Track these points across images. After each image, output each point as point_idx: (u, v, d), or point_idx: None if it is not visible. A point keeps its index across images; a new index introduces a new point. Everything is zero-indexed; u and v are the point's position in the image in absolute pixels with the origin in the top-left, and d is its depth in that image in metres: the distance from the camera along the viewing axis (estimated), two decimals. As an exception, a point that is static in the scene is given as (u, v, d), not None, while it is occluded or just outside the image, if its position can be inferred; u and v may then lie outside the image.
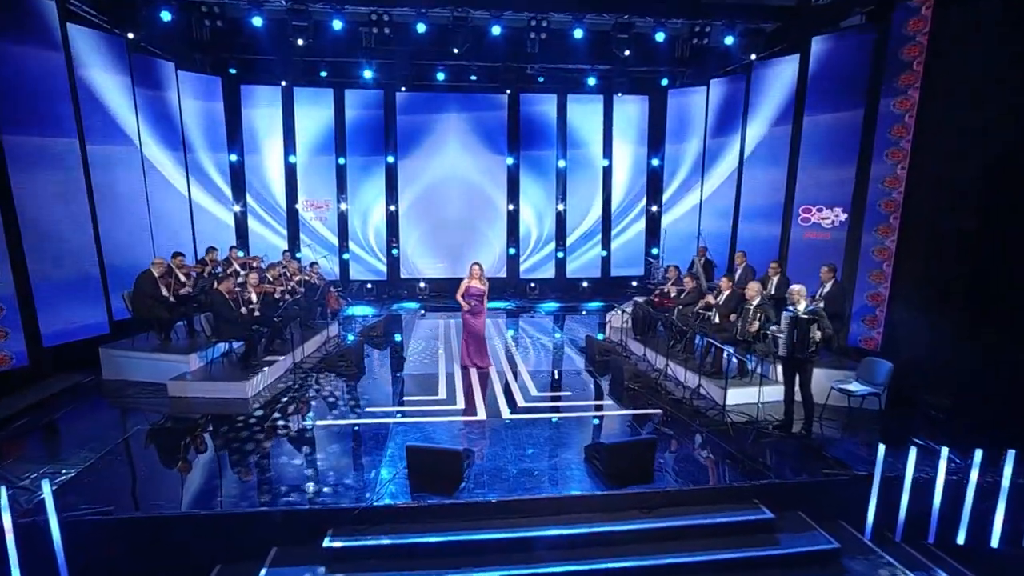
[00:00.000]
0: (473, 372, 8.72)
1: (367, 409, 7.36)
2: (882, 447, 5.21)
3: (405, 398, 7.74)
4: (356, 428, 6.81)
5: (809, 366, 6.48)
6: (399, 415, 7.16)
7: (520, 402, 7.65)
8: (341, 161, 14.37)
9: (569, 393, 8.08)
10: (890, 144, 8.08)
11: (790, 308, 6.48)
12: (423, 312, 13.41)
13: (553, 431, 6.83)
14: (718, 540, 5.12)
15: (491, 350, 9.48)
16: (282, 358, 8.71)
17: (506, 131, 14.61)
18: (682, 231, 13.80)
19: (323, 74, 13.50)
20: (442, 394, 7.91)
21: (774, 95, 10.90)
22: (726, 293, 8.49)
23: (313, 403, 7.57)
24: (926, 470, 5.56)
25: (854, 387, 6.84)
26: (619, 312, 10.80)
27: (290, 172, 14.14)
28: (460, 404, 7.56)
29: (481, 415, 7.20)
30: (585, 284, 15.38)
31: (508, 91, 14.44)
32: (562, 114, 14.74)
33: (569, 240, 15.19)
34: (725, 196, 12.51)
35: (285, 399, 7.68)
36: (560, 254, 15.27)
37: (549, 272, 15.30)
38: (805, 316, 6.35)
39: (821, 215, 9.52)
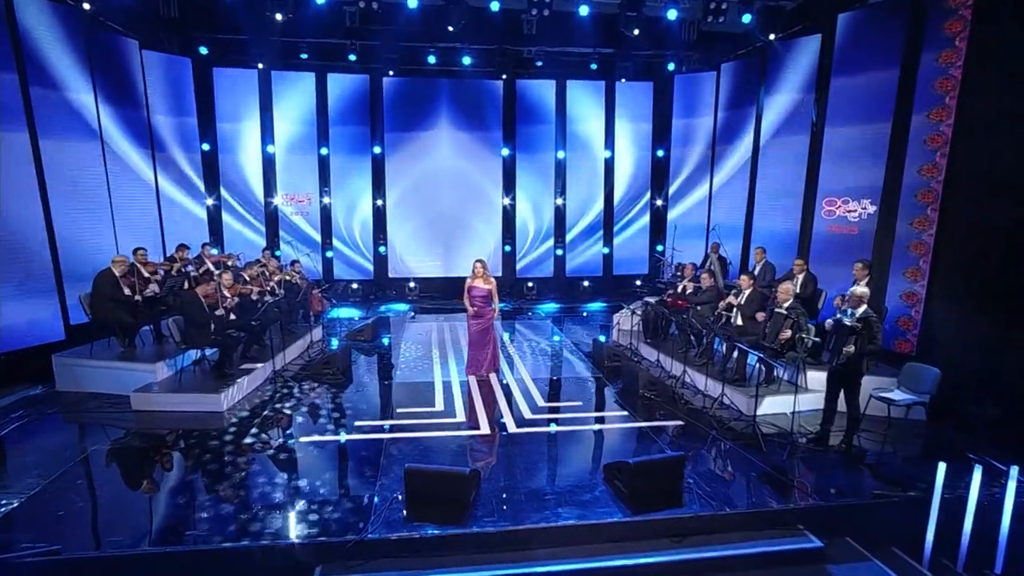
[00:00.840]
0: (473, 381, 8.26)
1: (356, 423, 6.87)
2: (942, 466, 4.81)
3: (398, 410, 7.27)
4: (345, 445, 6.31)
5: (859, 378, 6.08)
6: (392, 429, 6.67)
7: (526, 413, 7.22)
8: (324, 152, 13.83)
9: (579, 403, 7.68)
10: (929, 129, 7.72)
11: (842, 311, 6.07)
12: (413, 314, 12.95)
13: (565, 446, 6.43)
14: (761, 573, 4.69)
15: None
16: (260, 366, 8.19)
17: (501, 120, 14.18)
18: (689, 226, 13.45)
19: (304, 56, 12.94)
20: (439, 405, 7.45)
21: (793, 79, 10.53)
22: (747, 292, 8.12)
23: (296, 416, 7.06)
24: (990, 490, 5.18)
25: (897, 395, 6.46)
26: (628, 313, 10.37)
27: (268, 164, 13.57)
28: (460, 416, 7.11)
29: (484, 429, 6.75)
30: (586, 283, 15.02)
31: (504, 76, 13.99)
32: (561, 101, 14.33)
33: (569, 236, 14.81)
34: (737, 189, 12.18)
35: (265, 412, 7.17)
36: (559, 251, 14.87)
37: (547, 271, 14.90)
38: (851, 323, 5.94)
39: (847, 207, 9.16)
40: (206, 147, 12.88)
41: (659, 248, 12.17)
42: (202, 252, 10.08)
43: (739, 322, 8.11)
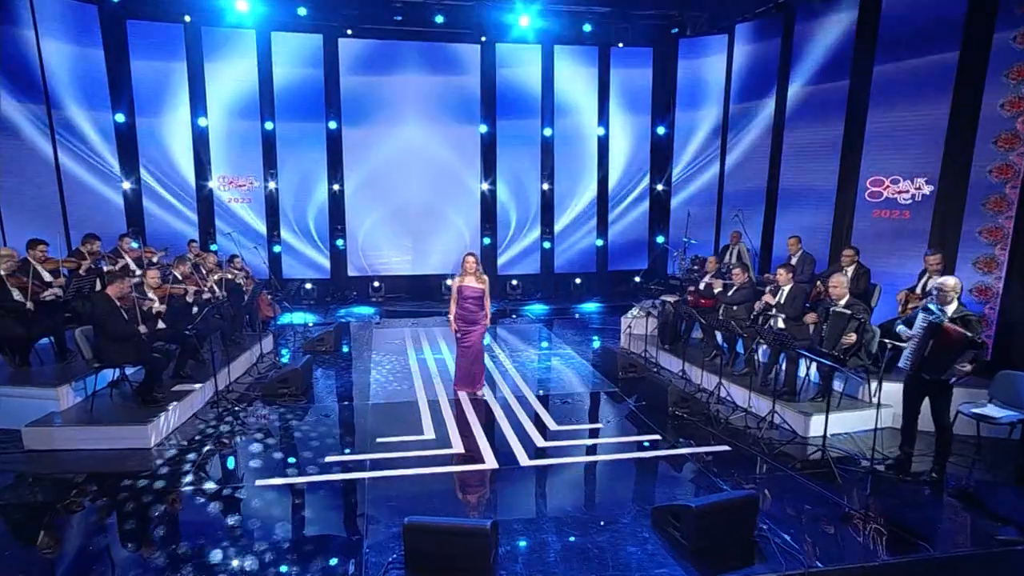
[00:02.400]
0: (466, 401, 7.38)
1: (327, 458, 5.90)
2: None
3: (378, 439, 6.34)
4: (313, 488, 5.33)
5: (950, 390, 5.44)
6: (373, 466, 5.74)
7: (538, 440, 6.40)
8: (269, 126, 12.73)
9: (600, 425, 6.93)
10: (1007, 90, 7.20)
11: (932, 308, 5.40)
12: (378, 320, 12.00)
13: (596, 481, 5.69)
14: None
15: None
16: (198, 387, 7.12)
17: (479, 91, 13.35)
18: (697, 215, 12.84)
19: (242, 10, 11.74)
20: (428, 432, 6.56)
21: (826, 37, 9.96)
22: (788, 289, 7.47)
23: (249, 452, 6.03)
24: None
25: (994, 411, 5.85)
26: (640, 314, 9.65)
27: (200, 140, 12.37)
28: (457, 446, 6.23)
29: (490, 462, 5.89)
30: (578, 281, 14.35)
31: (482, 39, 13.12)
32: (548, 70, 13.56)
33: (557, 227, 14.17)
34: (755, 169, 11.61)
35: (207, 448, 6.12)
36: (546, 244, 14.19)
37: (533, 266, 14.20)
38: (941, 321, 5.29)
39: (897, 188, 8.63)
40: (120, 118, 11.58)
41: (659, 239, 11.49)
42: (119, 245, 8.91)
43: (779, 324, 7.46)
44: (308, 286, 13.14)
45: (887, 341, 5.78)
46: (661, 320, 9.22)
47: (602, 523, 4.85)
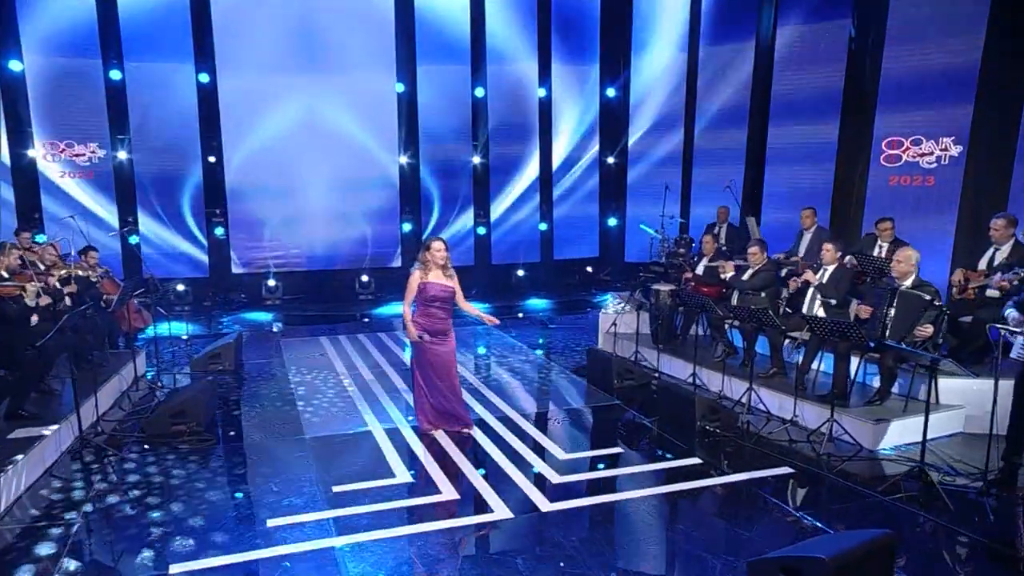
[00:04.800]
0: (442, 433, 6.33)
1: (271, 521, 4.68)
2: None
3: (336, 488, 5.19)
4: (267, 570, 4.12)
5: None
6: (341, 528, 4.61)
7: (551, 475, 5.53)
8: (116, 75, 11.07)
9: (620, 450, 6.23)
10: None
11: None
12: (278, 327, 10.81)
13: (648, 528, 4.88)
14: None
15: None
16: (49, 431, 5.60)
17: (394, 42, 12.38)
18: (654, 189, 12.50)
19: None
20: (401, 474, 5.55)
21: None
22: (831, 269, 7.09)
23: (144, 524, 4.67)
24: None
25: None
26: (628, 309, 9.01)
27: (14, 90, 10.49)
28: (448, 491, 5.23)
29: (500, 510, 4.93)
30: (521, 273, 13.83)
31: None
32: (479, 17, 12.77)
33: (494, 208, 13.56)
34: (731, 129, 11.50)
35: (75, 525, 4.68)
36: (481, 230, 13.58)
37: (466, 256, 13.45)
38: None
39: (919, 149, 8.52)
40: None
41: (612, 221, 11.07)
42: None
43: (817, 312, 7.03)
44: (180, 288, 11.62)
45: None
46: (654, 315, 8.60)
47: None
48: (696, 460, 5.86)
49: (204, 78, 11.51)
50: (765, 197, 10.70)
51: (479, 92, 12.97)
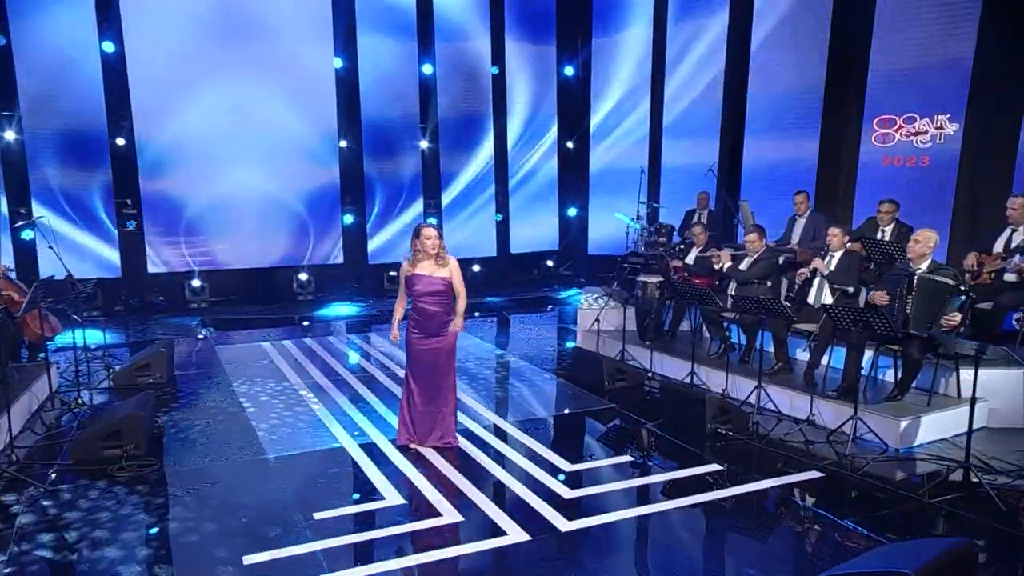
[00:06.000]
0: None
1: (246, 559, 4.20)
2: None
3: (316, 515, 4.75)
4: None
5: None
6: (330, 561, 4.19)
7: (562, 491, 5.24)
8: None
9: (629, 458, 6.00)
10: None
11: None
12: (204, 332, 10.37)
13: (686, 542, 4.75)
14: None
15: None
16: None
17: (330, 8, 11.99)
18: (624, 173, 12.54)
19: None
20: (391, 495, 5.14)
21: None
22: (839, 255, 7.06)
23: (91, 562, 4.13)
24: None
25: None
26: (613, 304, 8.92)
27: None
28: (449, 513, 4.86)
29: (514, 533, 4.59)
30: (476, 268, 13.72)
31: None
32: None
33: (445, 198, 13.41)
34: (706, 109, 11.56)
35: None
36: (431, 221, 13.05)
37: None
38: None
39: (913, 128, 8.63)
40: None
41: (616, 214, 10.97)
42: None
43: (826, 299, 7.00)
44: (88, 289, 10.69)
45: None
46: (643, 309, 8.45)
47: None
48: (715, 466, 5.67)
49: (109, 47, 10.74)
50: (744, 181, 10.73)
51: (427, 69, 12.65)
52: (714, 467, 5.66)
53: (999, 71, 7.91)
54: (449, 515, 4.79)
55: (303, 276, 11.98)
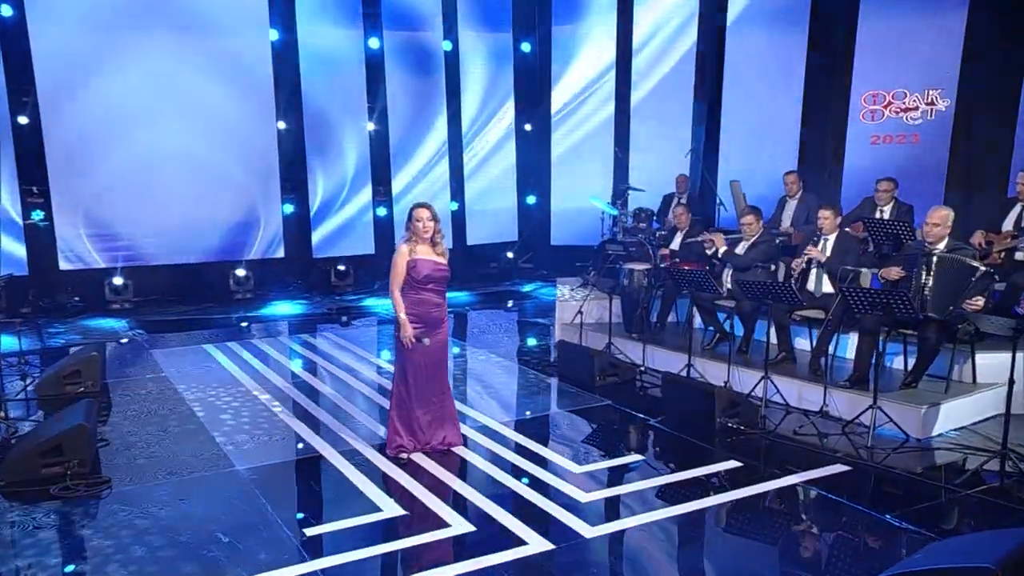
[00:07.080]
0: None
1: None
2: None
3: (308, 532, 4.49)
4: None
5: None
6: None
7: (578, 495, 5.11)
8: None
9: (639, 456, 5.96)
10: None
11: None
12: (136, 335, 9.95)
13: (725, 544, 4.78)
14: None
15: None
16: None
17: None
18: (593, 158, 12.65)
19: None
20: (388, 505, 4.91)
21: None
22: (833, 237, 7.11)
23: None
24: None
25: None
26: (598, 295, 8.91)
27: None
28: (458, 523, 4.69)
29: (535, 542, 4.42)
30: None
31: None
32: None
33: (395, 185, 13.11)
34: (679, 87, 11.66)
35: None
36: (382, 211, 13.04)
37: (365, 244, 13.01)
38: None
39: (902, 104, 8.80)
40: None
41: (591, 199, 10.89)
42: None
43: (827, 287, 7.04)
44: (-8, 289, 10.10)
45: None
46: (632, 299, 8.38)
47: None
48: (734, 463, 5.64)
49: (7, 11, 10.13)
50: (721, 159, 10.84)
51: (373, 43, 12.36)
52: (731, 464, 5.65)
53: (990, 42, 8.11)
54: (459, 525, 4.62)
55: (240, 272, 11.48)
